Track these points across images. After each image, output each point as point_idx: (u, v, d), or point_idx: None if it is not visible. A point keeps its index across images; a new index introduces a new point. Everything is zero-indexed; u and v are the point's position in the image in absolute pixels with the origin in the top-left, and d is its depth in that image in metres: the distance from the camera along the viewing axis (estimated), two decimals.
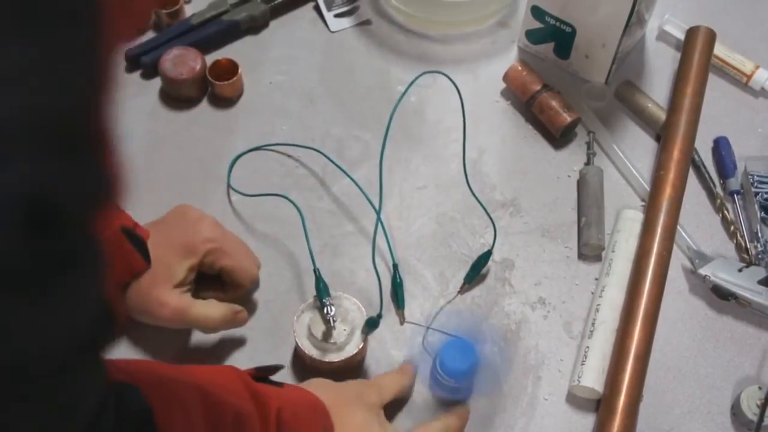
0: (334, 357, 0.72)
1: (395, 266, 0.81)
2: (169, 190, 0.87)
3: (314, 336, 0.72)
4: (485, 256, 0.82)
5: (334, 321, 0.73)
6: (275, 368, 0.68)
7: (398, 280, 0.80)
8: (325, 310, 0.73)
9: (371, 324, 0.73)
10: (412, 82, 0.81)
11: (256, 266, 0.78)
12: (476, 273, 0.81)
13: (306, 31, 1.01)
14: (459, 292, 0.81)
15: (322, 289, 0.75)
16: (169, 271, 0.72)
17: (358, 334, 0.73)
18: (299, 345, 0.73)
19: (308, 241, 0.78)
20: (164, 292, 0.71)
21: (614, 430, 0.71)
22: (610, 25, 0.89)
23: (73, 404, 0.38)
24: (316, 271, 0.76)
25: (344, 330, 0.73)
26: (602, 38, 0.91)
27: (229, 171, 0.87)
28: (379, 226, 0.77)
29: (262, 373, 0.66)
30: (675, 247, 0.83)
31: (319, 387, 0.68)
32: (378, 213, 0.78)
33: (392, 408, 0.73)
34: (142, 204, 0.86)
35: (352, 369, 0.75)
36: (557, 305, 0.81)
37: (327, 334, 0.73)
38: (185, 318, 0.71)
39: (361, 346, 0.73)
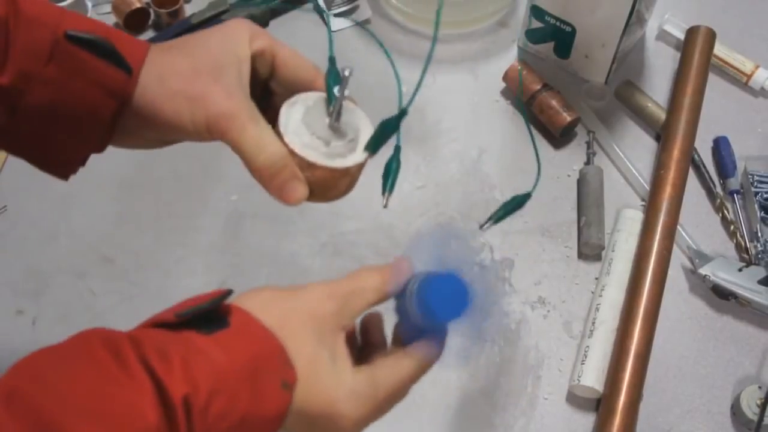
0: (331, 161, 0.53)
1: (397, 148, 0.61)
2: (169, 189, 0.87)
3: (311, 126, 0.53)
4: (523, 199, 0.72)
5: (339, 115, 0.53)
6: (209, 305, 0.45)
7: (396, 164, 0.60)
8: (333, 97, 0.54)
9: (388, 127, 0.54)
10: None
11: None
12: (505, 215, 0.72)
13: (306, 31, 1.01)
14: (480, 227, 0.72)
15: (333, 75, 0.55)
16: (222, 68, 0.51)
17: (359, 148, 0.55)
18: (285, 141, 0.52)
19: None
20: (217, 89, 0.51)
21: (614, 430, 0.71)
22: (610, 25, 0.89)
23: None
24: (331, 59, 0.59)
25: (347, 135, 0.54)
26: (602, 38, 0.91)
27: None
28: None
29: (186, 317, 0.44)
30: (675, 246, 0.83)
31: (261, 304, 0.48)
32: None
33: None
34: (143, 204, 0.86)
35: (337, 188, 0.56)
36: (557, 305, 0.81)
37: (327, 132, 0.53)
38: (237, 128, 0.50)
39: (362, 161, 0.55)
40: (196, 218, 0.85)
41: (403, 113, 0.53)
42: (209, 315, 0.45)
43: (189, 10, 1.01)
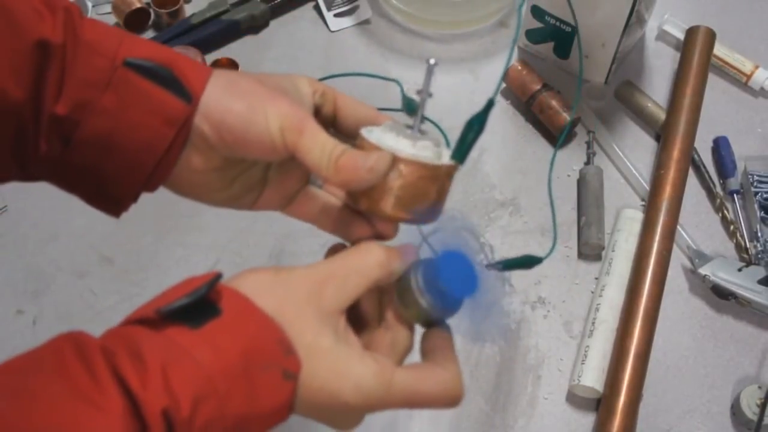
0: (419, 156, 0.47)
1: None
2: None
3: (394, 129, 0.49)
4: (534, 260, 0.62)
5: (423, 118, 0.50)
6: (193, 299, 0.42)
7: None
8: (413, 103, 0.50)
9: (475, 125, 0.50)
10: None
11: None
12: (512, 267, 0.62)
13: (306, 31, 1.01)
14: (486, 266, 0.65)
15: (407, 102, 0.52)
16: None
17: (445, 158, 0.50)
18: (370, 141, 0.48)
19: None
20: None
21: (614, 430, 0.71)
22: (610, 25, 0.89)
23: None
24: (409, 97, 0.53)
25: (432, 140, 0.50)
26: (602, 38, 0.91)
27: None
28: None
29: (168, 313, 0.41)
30: (675, 246, 0.83)
31: (255, 289, 0.45)
32: None
33: None
34: (142, 204, 0.86)
35: (426, 196, 0.48)
36: (557, 304, 0.81)
37: (412, 135, 0.49)
38: (311, 129, 0.48)
39: (451, 164, 0.50)
40: (196, 218, 0.85)
41: (490, 105, 0.48)
42: (199, 302, 0.41)
43: (189, 10, 1.01)
